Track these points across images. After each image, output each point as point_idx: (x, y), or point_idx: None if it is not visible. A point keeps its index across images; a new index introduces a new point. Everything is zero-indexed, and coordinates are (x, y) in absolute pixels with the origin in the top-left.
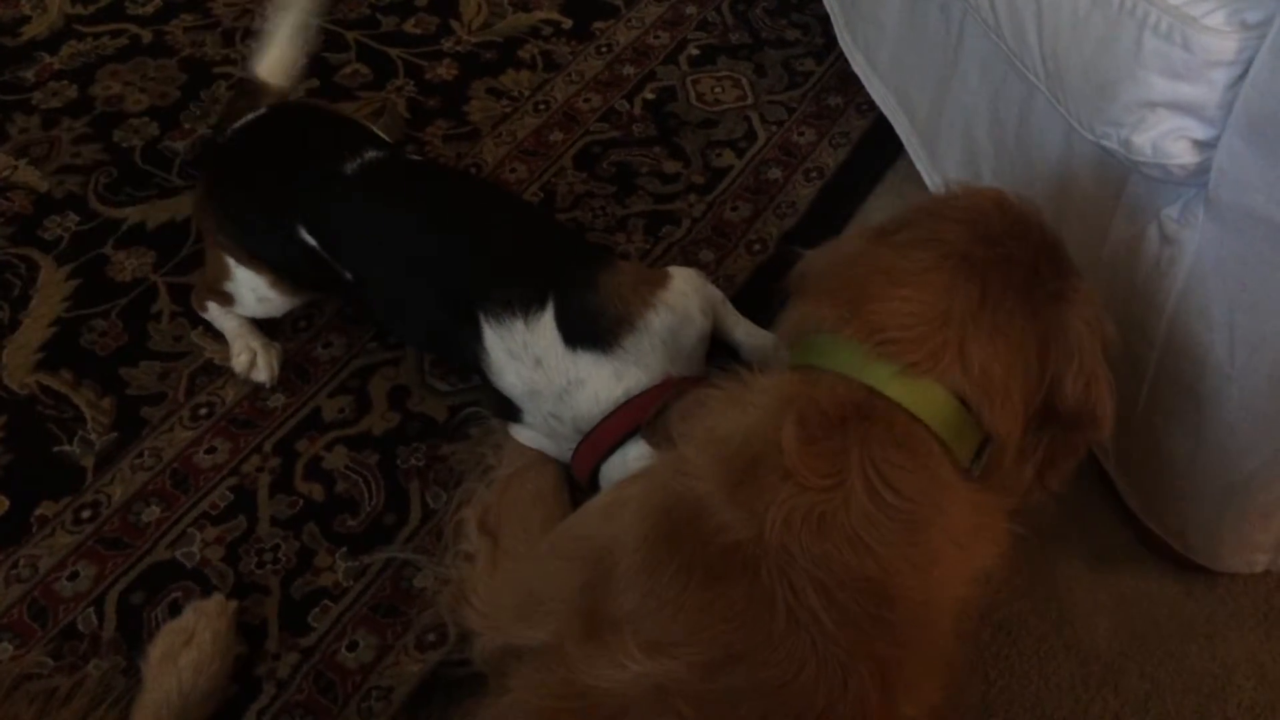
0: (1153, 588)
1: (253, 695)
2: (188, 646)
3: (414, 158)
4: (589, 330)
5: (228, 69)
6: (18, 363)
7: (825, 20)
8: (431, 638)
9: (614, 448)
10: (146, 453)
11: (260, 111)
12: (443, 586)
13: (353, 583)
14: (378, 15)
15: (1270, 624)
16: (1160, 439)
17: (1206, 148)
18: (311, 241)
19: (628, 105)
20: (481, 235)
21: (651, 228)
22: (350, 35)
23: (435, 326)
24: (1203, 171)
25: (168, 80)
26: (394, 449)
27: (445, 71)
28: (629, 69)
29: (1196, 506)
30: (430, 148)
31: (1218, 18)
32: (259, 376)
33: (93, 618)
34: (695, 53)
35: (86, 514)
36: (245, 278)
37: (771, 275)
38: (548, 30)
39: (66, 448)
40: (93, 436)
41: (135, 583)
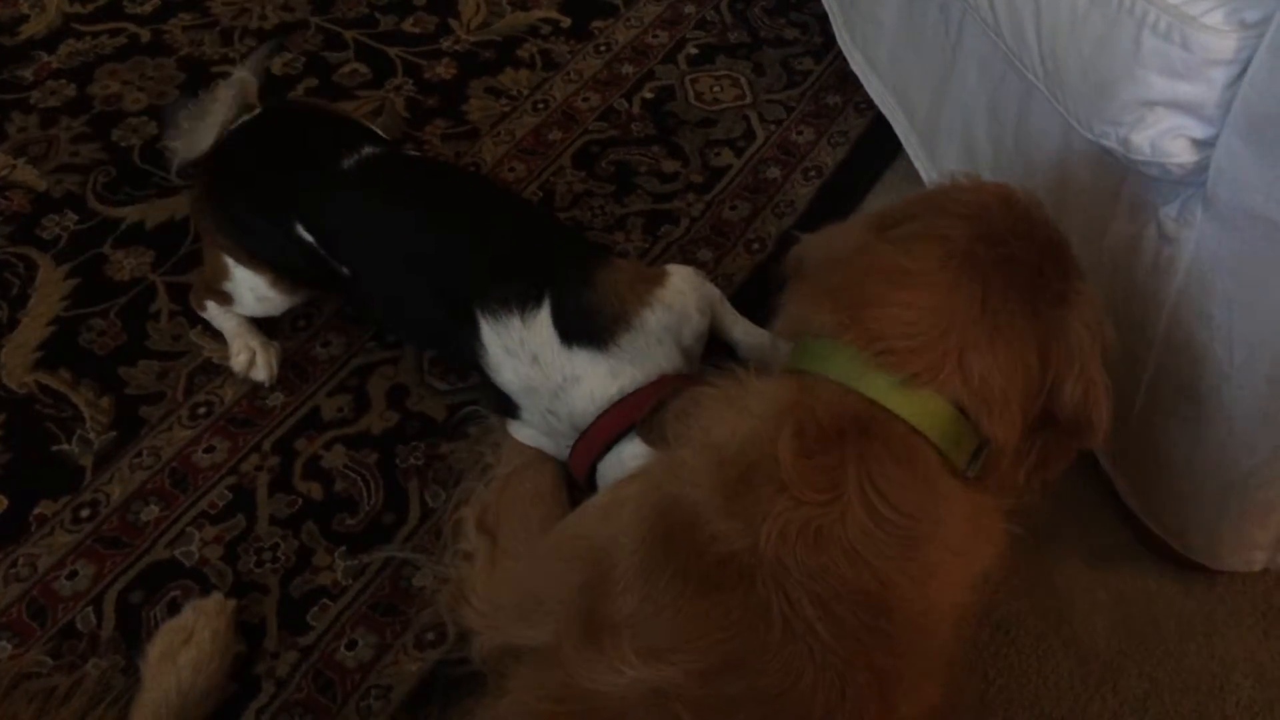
0: (1151, 586)
1: (252, 694)
2: (187, 645)
3: (412, 153)
4: (585, 328)
5: (226, 68)
6: (16, 362)
7: (824, 19)
8: (430, 637)
9: (609, 445)
10: (145, 452)
11: (256, 112)
12: (441, 585)
13: (351, 581)
14: (376, 14)
15: (1269, 622)
16: (1159, 438)
17: (1205, 146)
18: (310, 239)
19: (626, 104)
20: (480, 232)
21: (650, 227)
22: (349, 34)
23: (433, 323)
24: (1201, 170)
25: (166, 79)
26: (393, 448)
27: (444, 70)
28: (628, 68)
29: (1195, 505)
30: (429, 147)
31: (1216, 16)
32: (258, 376)
33: (91, 617)
34: (694, 52)
35: (85, 513)
36: (244, 277)
37: (771, 275)
38: (546, 29)
39: (65, 447)
40: (91, 436)
41: (134, 582)
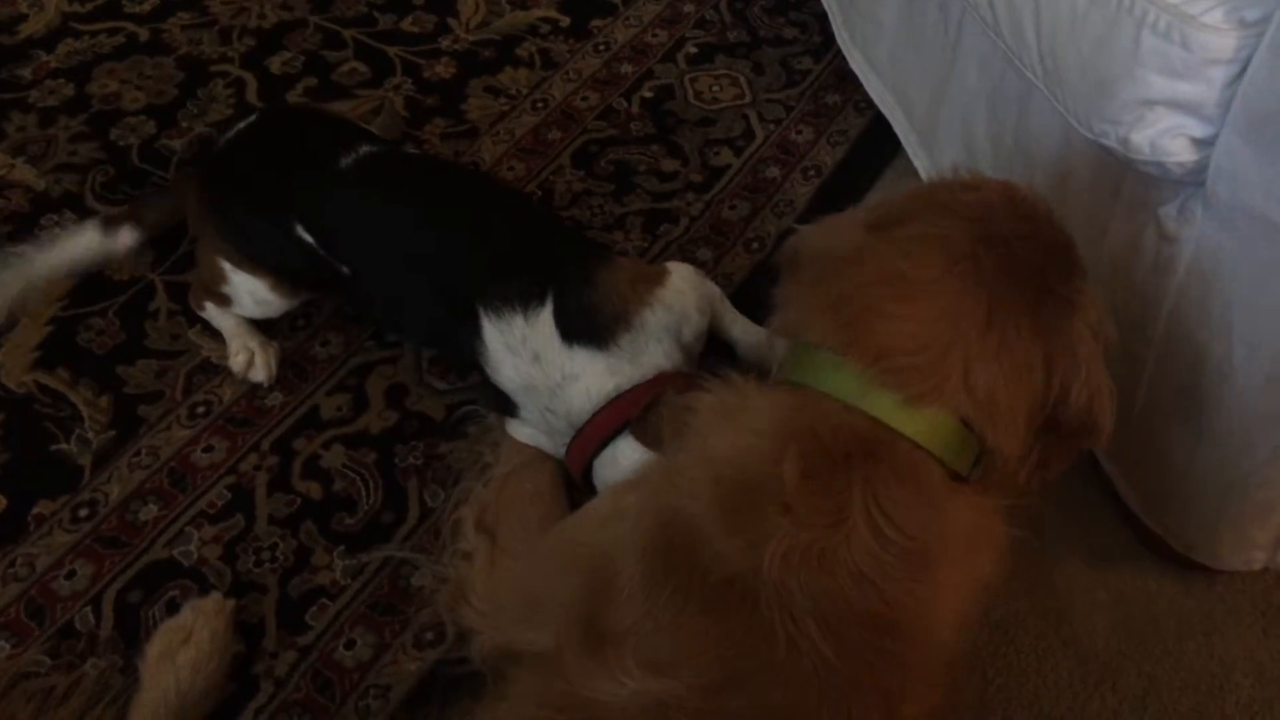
0: (1151, 586)
1: (250, 694)
2: (185, 645)
3: (410, 151)
4: (586, 326)
5: (225, 67)
6: (15, 361)
7: (823, 18)
8: (429, 636)
9: (604, 443)
10: (144, 451)
11: (252, 119)
12: (441, 585)
13: (350, 581)
14: (375, 13)
15: (1268, 622)
16: (1158, 437)
17: (1205, 146)
18: (309, 239)
19: (626, 103)
20: (480, 230)
21: (649, 226)
22: (348, 33)
23: (433, 322)
24: (1201, 169)
25: (165, 78)
26: (392, 447)
27: (443, 70)
28: (627, 67)
29: (1195, 505)
30: (428, 146)
31: (1216, 15)
32: (257, 376)
33: (90, 616)
34: (693, 51)
35: (84, 512)
36: (244, 282)
37: (769, 274)
38: (545, 28)
39: (64, 446)
40: (90, 435)
41: (133, 581)
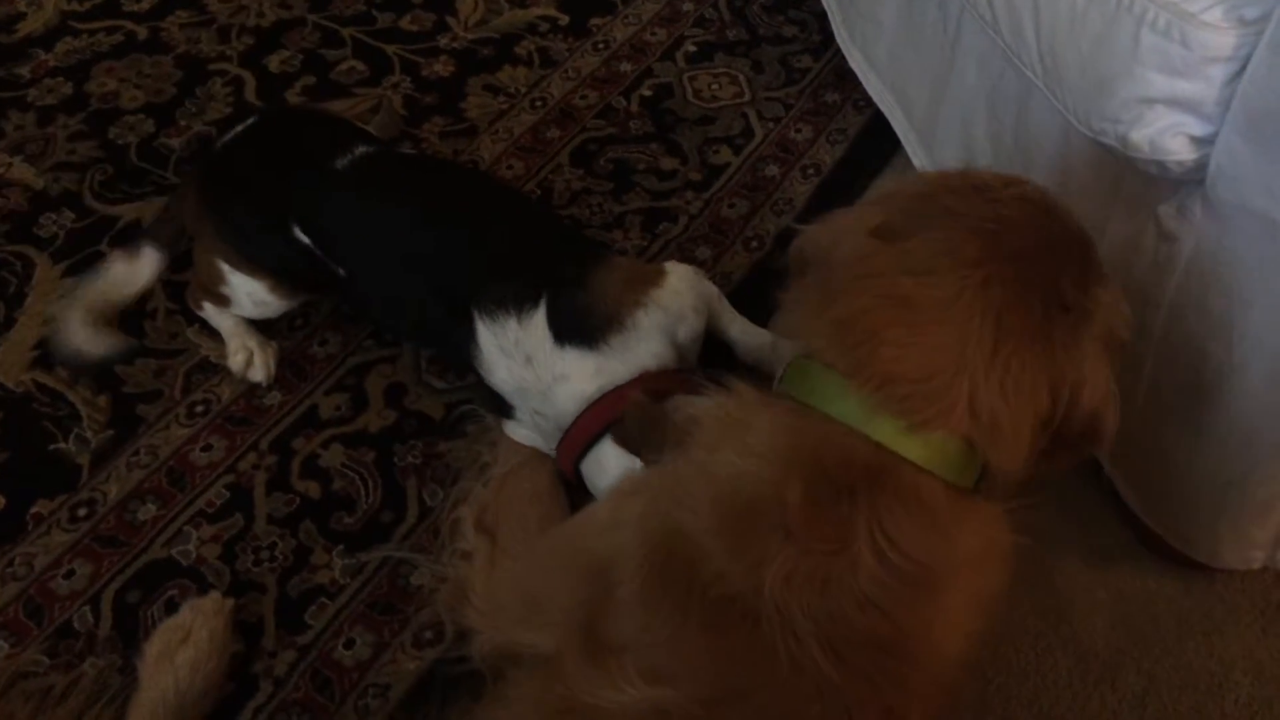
0: (1150, 585)
1: (249, 693)
2: (184, 645)
3: (407, 151)
4: (578, 327)
5: (223, 65)
6: (13, 360)
7: (822, 17)
8: (428, 635)
9: (589, 444)
10: (142, 450)
11: (251, 120)
12: (440, 584)
13: (349, 580)
14: (374, 11)
15: (1267, 620)
16: (1158, 436)
17: (1204, 144)
18: (306, 240)
19: (625, 102)
20: (479, 229)
21: (649, 225)
22: (346, 31)
23: (431, 322)
24: (1200, 168)
25: (163, 77)
26: (391, 446)
27: (442, 68)
28: (626, 65)
29: (1194, 503)
30: (427, 144)
31: (1215, 14)
32: (255, 376)
33: (89, 616)
34: (692, 49)
35: (82, 512)
36: (242, 283)
37: (771, 271)
38: (544, 26)
39: (62, 445)
40: (88, 434)
41: (131, 581)
